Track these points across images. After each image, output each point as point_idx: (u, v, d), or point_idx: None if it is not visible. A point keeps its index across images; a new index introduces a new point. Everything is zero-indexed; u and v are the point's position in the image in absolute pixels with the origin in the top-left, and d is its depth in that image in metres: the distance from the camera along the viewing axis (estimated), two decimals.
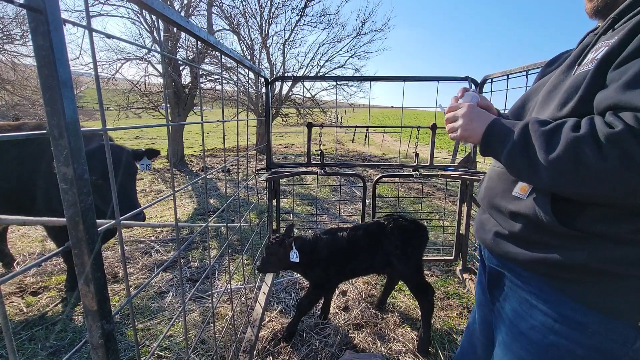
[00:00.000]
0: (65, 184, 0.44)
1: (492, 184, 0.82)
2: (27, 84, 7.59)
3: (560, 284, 0.67)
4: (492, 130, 0.71)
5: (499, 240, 0.77)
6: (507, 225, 0.74)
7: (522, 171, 0.64)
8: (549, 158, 0.58)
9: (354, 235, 1.76)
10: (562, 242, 0.64)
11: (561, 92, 0.67)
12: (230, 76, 6.89)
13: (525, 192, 0.71)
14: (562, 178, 0.58)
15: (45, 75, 0.40)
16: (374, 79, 2.41)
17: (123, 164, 1.80)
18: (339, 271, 1.75)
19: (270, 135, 2.25)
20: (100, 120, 0.55)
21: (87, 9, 0.53)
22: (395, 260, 1.70)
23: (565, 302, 0.66)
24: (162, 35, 5.98)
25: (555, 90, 0.71)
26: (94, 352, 0.52)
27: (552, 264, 0.65)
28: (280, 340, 1.75)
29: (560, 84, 0.71)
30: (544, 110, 0.71)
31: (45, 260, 0.47)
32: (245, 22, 8.15)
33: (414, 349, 1.74)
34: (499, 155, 0.69)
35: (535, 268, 0.70)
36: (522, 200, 0.71)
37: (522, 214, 0.70)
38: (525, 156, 0.62)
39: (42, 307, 2.04)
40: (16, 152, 1.94)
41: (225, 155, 1.11)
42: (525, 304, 0.74)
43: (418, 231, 1.76)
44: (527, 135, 0.63)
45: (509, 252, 0.74)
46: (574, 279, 0.65)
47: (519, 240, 0.72)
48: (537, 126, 0.62)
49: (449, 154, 10.65)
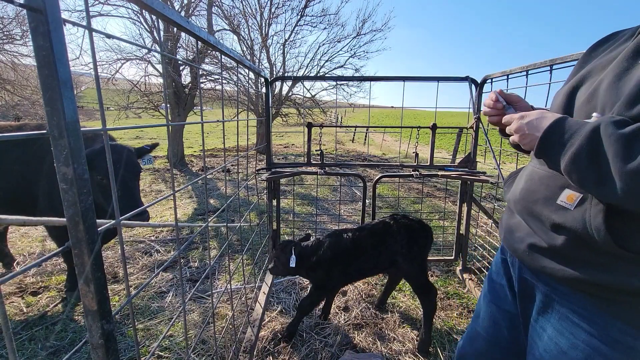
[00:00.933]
0: (65, 184, 0.44)
1: (532, 187, 0.73)
2: (27, 84, 7.59)
3: (608, 305, 0.62)
4: (554, 129, 0.60)
5: (535, 254, 0.70)
6: (547, 237, 0.67)
7: (586, 180, 0.54)
8: (627, 168, 0.48)
9: (359, 236, 1.76)
10: (612, 262, 0.58)
11: (630, 85, 0.55)
12: (230, 76, 6.89)
13: (574, 202, 0.62)
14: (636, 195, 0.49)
15: (45, 75, 0.40)
16: (374, 79, 2.41)
17: (127, 163, 1.79)
18: (343, 273, 1.75)
19: (270, 135, 2.26)
20: (100, 120, 0.55)
21: (87, 9, 0.53)
22: (401, 259, 1.70)
23: (614, 324, 0.61)
24: (162, 35, 5.98)
25: (619, 81, 0.58)
26: (94, 352, 0.52)
27: (598, 284, 0.60)
28: (280, 340, 1.75)
29: (625, 73, 0.58)
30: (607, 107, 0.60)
31: (45, 260, 0.47)
32: (245, 22, 8.16)
33: (414, 349, 1.74)
34: (558, 158, 0.58)
35: (576, 285, 0.64)
36: (568, 210, 0.62)
37: (567, 227, 0.62)
38: (594, 162, 0.53)
39: (42, 307, 2.04)
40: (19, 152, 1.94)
41: (225, 155, 1.11)
42: (566, 321, 0.68)
43: (423, 231, 1.76)
44: (598, 138, 0.52)
45: (546, 267, 0.68)
46: (625, 300, 0.59)
47: (560, 255, 0.65)
48: (612, 128, 0.51)
49: (449, 154, 10.65)
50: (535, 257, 0.70)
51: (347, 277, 1.80)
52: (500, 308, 0.92)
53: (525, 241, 0.73)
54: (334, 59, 9.15)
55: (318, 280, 1.77)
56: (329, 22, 8.82)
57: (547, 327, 0.73)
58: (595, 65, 0.68)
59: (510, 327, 0.89)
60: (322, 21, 8.77)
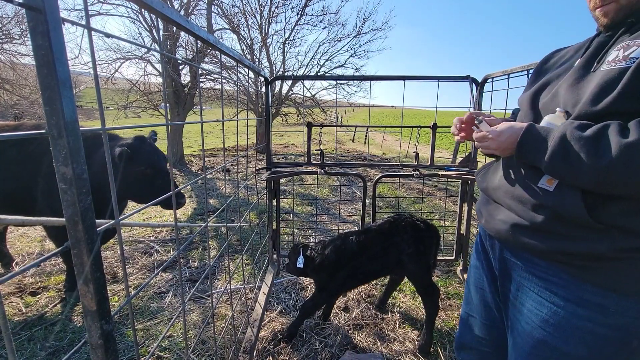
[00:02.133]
0: (64, 184, 0.44)
1: (511, 174, 0.83)
2: (26, 83, 7.58)
3: (579, 271, 0.71)
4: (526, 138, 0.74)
5: (517, 233, 0.79)
6: (529, 216, 0.76)
7: (565, 176, 0.68)
8: (598, 165, 0.61)
9: (365, 237, 1.75)
10: (584, 234, 0.68)
11: (591, 87, 0.69)
12: (230, 75, 6.88)
13: (552, 185, 0.72)
14: (609, 183, 0.61)
15: (44, 75, 0.40)
16: (375, 78, 2.41)
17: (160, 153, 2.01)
18: (349, 276, 1.74)
19: (270, 135, 2.25)
20: (100, 119, 0.55)
21: (86, 8, 0.52)
22: (407, 258, 1.69)
23: (585, 287, 0.71)
24: (161, 34, 5.97)
25: (578, 85, 0.73)
26: (93, 352, 0.52)
27: (571, 253, 0.70)
28: (281, 340, 1.75)
29: (583, 79, 0.73)
30: (569, 105, 0.74)
31: (44, 261, 0.47)
32: (245, 21, 8.15)
33: (415, 350, 1.74)
34: (537, 161, 0.72)
35: (553, 257, 0.74)
36: (549, 192, 0.72)
37: (549, 207, 0.71)
38: (567, 162, 0.66)
39: (41, 308, 2.04)
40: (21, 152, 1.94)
41: (225, 155, 1.10)
42: (545, 292, 0.77)
43: (430, 231, 1.76)
44: (566, 142, 0.66)
45: (527, 243, 0.77)
46: (592, 266, 0.69)
47: (540, 231, 0.74)
48: (577, 133, 0.65)
49: (449, 153, 10.65)
50: (517, 235, 0.79)
51: (353, 280, 1.79)
52: (485, 291, 0.99)
53: (507, 222, 0.81)
54: (334, 58, 9.16)
55: (322, 282, 1.77)
56: (329, 21, 8.82)
57: (526, 301, 0.82)
58: (552, 75, 0.86)
59: (498, 309, 0.97)
60: (323, 20, 8.77)
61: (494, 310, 0.98)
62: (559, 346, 0.75)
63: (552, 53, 0.95)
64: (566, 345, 0.74)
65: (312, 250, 1.82)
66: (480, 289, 1.01)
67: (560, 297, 0.74)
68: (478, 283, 1.02)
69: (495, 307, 0.97)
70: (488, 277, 0.97)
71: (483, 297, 1.00)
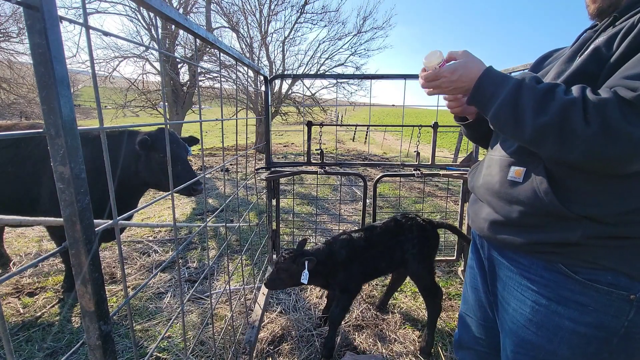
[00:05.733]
0: (62, 184, 0.44)
1: (490, 172, 0.84)
2: (23, 82, 7.55)
3: (557, 266, 0.72)
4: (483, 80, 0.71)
5: (496, 229, 0.80)
6: (505, 212, 0.76)
7: (506, 125, 0.67)
8: (538, 120, 0.61)
9: (370, 234, 1.73)
10: (555, 223, 0.69)
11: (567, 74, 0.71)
12: (229, 74, 6.86)
13: (521, 175, 0.73)
14: (545, 138, 0.61)
15: (42, 73, 0.40)
16: (375, 77, 2.40)
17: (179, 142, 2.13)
18: (361, 272, 1.70)
19: (270, 134, 2.24)
20: (98, 118, 0.54)
21: (84, 6, 0.51)
22: (411, 258, 1.68)
23: (564, 284, 0.71)
24: (160, 32, 5.95)
25: (559, 78, 0.75)
26: (91, 353, 0.52)
27: (545, 243, 0.71)
28: (321, 359, 1.67)
29: (562, 74, 0.75)
30: None
31: (42, 261, 0.46)
32: (245, 19, 8.13)
33: (415, 350, 1.73)
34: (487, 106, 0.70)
35: (530, 249, 0.75)
36: (519, 184, 0.73)
37: (521, 199, 0.72)
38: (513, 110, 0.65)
39: (39, 308, 2.03)
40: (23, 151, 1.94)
41: (224, 155, 1.09)
42: (527, 291, 0.77)
43: (433, 231, 1.75)
44: (520, 90, 0.65)
45: (506, 238, 0.77)
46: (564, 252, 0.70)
47: (516, 225, 0.75)
48: (533, 82, 0.65)
49: (450, 153, 10.66)
50: (497, 232, 0.80)
51: (365, 275, 1.75)
52: (479, 291, 0.99)
53: (487, 220, 0.82)
54: (334, 56, 9.16)
55: (342, 283, 1.68)
56: (329, 20, 8.82)
57: (511, 300, 0.82)
58: (543, 72, 0.86)
59: (492, 308, 0.96)
60: (323, 18, 8.77)
61: (488, 310, 0.98)
62: (543, 345, 0.75)
63: (550, 52, 0.96)
64: (550, 344, 0.74)
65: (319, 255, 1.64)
66: (475, 289, 1.01)
67: (541, 296, 0.74)
68: (473, 283, 1.02)
69: (489, 307, 0.97)
70: (481, 276, 0.97)
71: (478, 297, 1.00)
